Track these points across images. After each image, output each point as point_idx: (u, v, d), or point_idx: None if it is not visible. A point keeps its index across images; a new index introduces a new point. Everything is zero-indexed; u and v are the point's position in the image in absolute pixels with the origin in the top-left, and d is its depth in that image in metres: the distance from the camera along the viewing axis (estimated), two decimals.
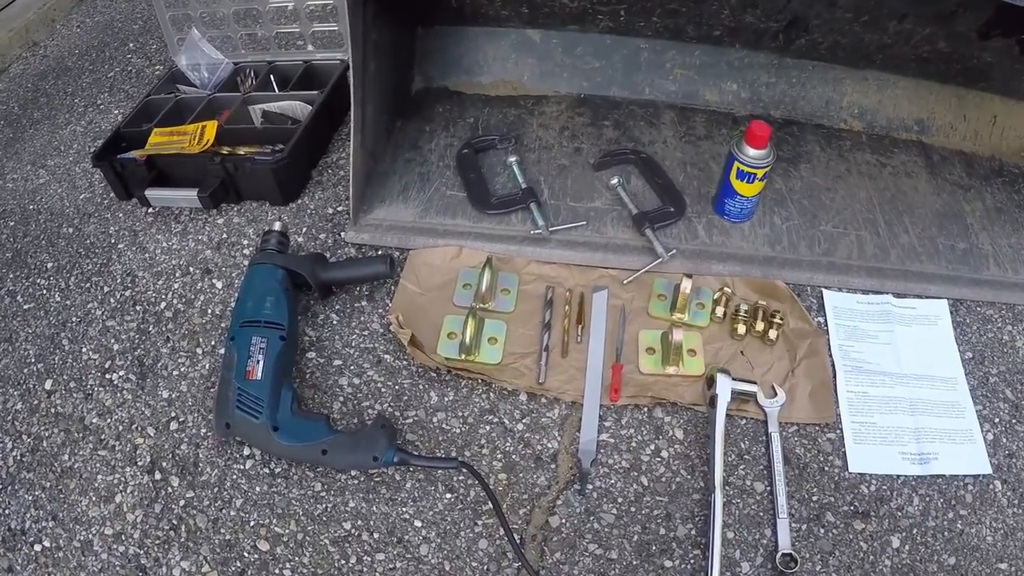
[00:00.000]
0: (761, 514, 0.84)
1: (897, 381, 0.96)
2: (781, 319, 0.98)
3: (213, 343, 1.02)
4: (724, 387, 0.90)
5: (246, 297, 0.96)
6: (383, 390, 0.96)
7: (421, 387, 0.96)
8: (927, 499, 0.86)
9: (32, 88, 1.58)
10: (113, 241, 1.17)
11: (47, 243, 1.19)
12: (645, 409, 0.93)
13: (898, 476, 0.87)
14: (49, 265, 1.16)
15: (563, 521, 0.84)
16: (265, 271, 0.98)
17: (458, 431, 0.92)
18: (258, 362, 0.88)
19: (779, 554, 0.80)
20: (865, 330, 1.01)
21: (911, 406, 0.93)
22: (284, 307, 0.94)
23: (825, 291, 1.05)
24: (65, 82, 1.58)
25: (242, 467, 0.90)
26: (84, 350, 1.03)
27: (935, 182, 1.19)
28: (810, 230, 1.10)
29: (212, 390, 0.96)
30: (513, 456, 0.89)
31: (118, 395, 0.98)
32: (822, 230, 1.10)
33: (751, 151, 1.02)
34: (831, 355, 0.98)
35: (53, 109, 1.50)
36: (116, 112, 1.45)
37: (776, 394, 0.92)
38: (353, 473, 0.88)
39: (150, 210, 1.21)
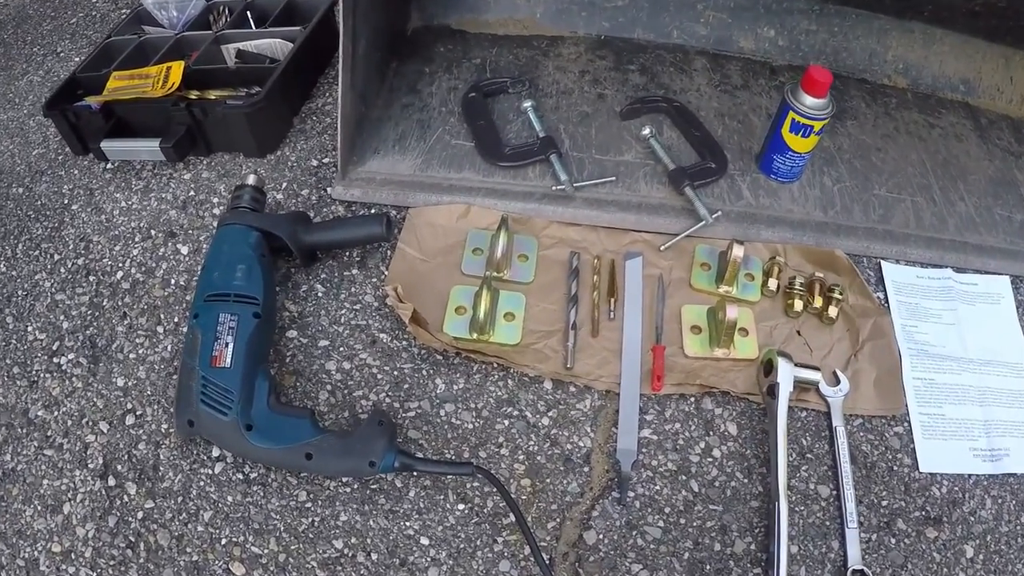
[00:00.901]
0: (827, 523, 0.67)
1: (963, 367, 0.79)
2: (841, 294, 0.79)
3: (176, 320, 0.80)
4: (786, 374, 0.71)
5: (213, 265, 0.74)
6: (379, 376, 0.75)
7: (425, 373, 0.75)
8: (999, 501, 0.71)
9: None
10: (66, 202, 0.94)
11: None
12: (692, 399, 0.74)
13: (969, 475, 0.71)
14: None
15: (600, 536, 0.65)
16: (236, 233, 0.76)
17: (471, 427, 0.72)
18: (227, 345, 0.68)
19: (850, 571, 0.65)
20: (928, 308, 0.83)
21: (980, 395, 0.77)
22: (258, 277, 0.73)
23: (884, 263, 0.86)
24: (25, 31, 1.32)
25: (211, 471, 0.69)
26: (30, 329, 0.82)
27: (985, 147, 1.01)
28: (863, 194, 0.91)
29: (175, 377, 0.75)
30: (538, 457, 0.70)
31: (67, 383, 0.77)
32: (876, 194, 0.91)
33: (809, 100, 0.82)
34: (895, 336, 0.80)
35: (11, 60, 1.25)
36: (77, 60, 1.20)
37: (839, 381, 0.74)
38: (345, 479, 0.68)
39: (108, 165, 0.97)
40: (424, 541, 0.65)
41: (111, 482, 0.70)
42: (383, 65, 1.02)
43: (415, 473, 0.68)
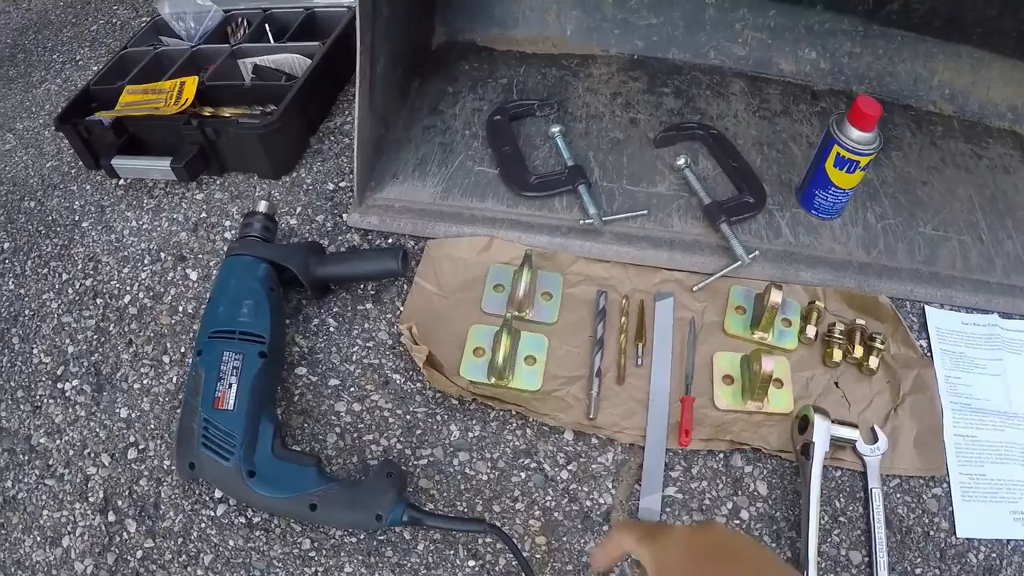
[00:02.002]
0: None
1: (1007, 422, 0.74)
2: (882, 343, 0.75)
3: (183, 350, 0.78)
4: (822, 433, 0.67)
5: (219, 299, 0.72)
6: (391, 420, 0.72)
7: (439, 418, 0.72)
8: None
9: (11, 44, 1.32)
10: (77, 218, 0.93)
11: (6, 219, 0.96)
12: (721, 455, 0.70)
13: (1008, 541, 0.67)
14: (6, 245, 0.92)
15: None
16: (244, 265, 0.74)
17: (485, 478, 0.69)
18: (230, 386, 0.66)
19: None
20: (972, 358, 0.78)
21: (1023, 454, 0.72)
22: (266, 313, 0.71)
23: (928, 308, 0.82)
24: (45, 37, 1.32)
25: (212, 513, 0.67)
26: (35, 351, 0.81)
27: None
28: (908, 232, 0.86)
29: (179, 411, 0.72)
30: (555, 513, 0.66)
31: (70, 411, 0.76)
32: (921, 232, 0.86)
33: (856, 133, 0.77)
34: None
35: (30, 66, 1.25)
36: (95, 68, 1.19)
37: (877, 439, 0.70)
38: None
39: (120, 182, 0.96)
40: None
41: (111, 517, 0.68)
42: (405, 84, 0.99)
43: (424, 528, 0.65)
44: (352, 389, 0.74)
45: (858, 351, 0.75)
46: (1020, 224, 0.90)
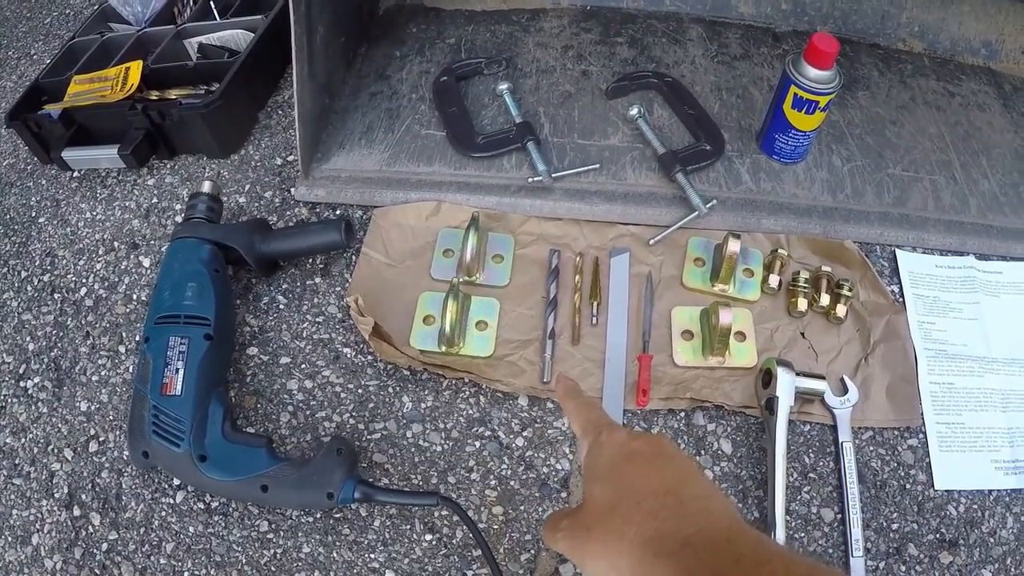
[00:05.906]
0: (831, 551, 0.62)
1: (986, 367, 0.71)
2: (850, 290, 0.71)
3: (138, 338, 0.76)
4: (786, 386, 0.64)
5: (164, 283, 0.70)
6: (343, 395, 0.70)
7: (391, 390, 0.70)
8: (1022, 518, 0.64)
9: None
10: (34, 215, 0.91)
11: None
12: (682, 414, 0.67)
13: (990, 491, 0.64)
14: None
15: (578, 570, 0.60)
16: (188, 248, 0.71)
17: (439, 449, 0.66)
18: (177, 371, 0.64)
19: None
20: (947, 302, 0.75)
21: (1003, 400, 0.69)
22: (210, 295, 0.68)
23: (899, 252, 0.78)
24: (0, 34, 1.29)
25: (172, 501, 0.66)
26: None
27: (1010, 117, 0.91)
28: (876, 173, 0.82)
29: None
30: (511, 482, 0.64)
31: (33, 408, 0.74)
32: (890, 173, 0.82)
33: (813, 72, 0.73)
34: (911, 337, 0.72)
35: None
36: (49, 62, 1.16)
37: (847, 390, 0.67)
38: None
39: (74, 174, 0.93)
40: (389, 574, 0.61)
41: (76, 512, 0.67)
42: (348, 50, 0.95)
43: (378, 504, 0.63)
44: (303, 366, 0.72)
45: (824, 299, 0.72)
46: (996, 162, 0.85)
